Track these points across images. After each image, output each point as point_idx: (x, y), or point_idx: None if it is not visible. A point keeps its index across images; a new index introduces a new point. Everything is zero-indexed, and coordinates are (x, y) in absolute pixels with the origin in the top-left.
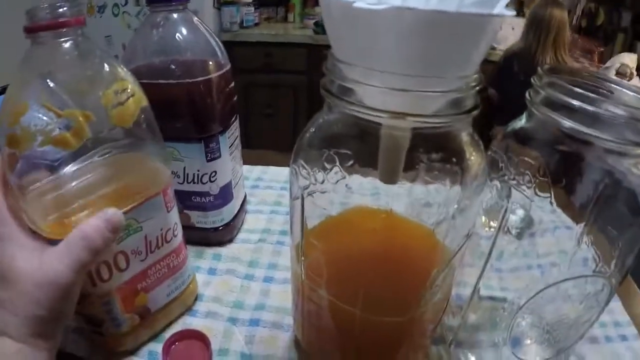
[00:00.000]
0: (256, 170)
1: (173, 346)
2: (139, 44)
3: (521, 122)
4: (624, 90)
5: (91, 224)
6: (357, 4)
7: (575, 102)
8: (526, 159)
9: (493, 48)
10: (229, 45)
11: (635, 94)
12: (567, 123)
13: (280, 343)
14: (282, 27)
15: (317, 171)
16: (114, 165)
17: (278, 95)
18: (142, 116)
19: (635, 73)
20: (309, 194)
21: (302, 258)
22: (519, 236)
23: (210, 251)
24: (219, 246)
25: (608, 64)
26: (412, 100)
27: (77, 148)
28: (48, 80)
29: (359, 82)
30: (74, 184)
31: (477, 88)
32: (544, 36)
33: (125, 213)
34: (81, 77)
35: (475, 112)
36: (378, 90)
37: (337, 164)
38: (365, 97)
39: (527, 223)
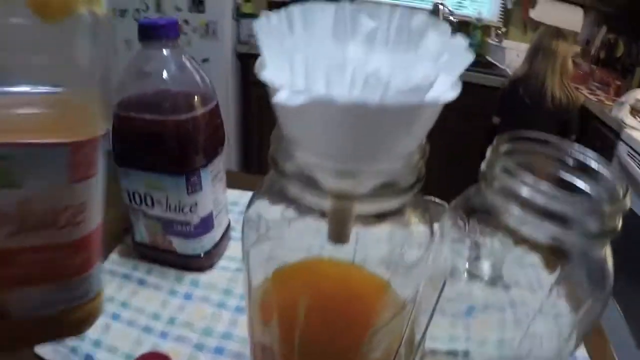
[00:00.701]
0: (247, 197)
1: None
2: (129, 77)
3: (473, 193)
4: (593, 164)
5: None
6: (275, 98)
7: (525, 194)
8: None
9: (502, 76)
10: (246, 58)
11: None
12: (515, 212)
13: None
14: None
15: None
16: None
17: None
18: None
19: None
20: (261, 242)
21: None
22: (491, 282)
23: (189, 276)
24: (199, 272)
25: (623, 98)
26: (348, 181)
27: None
28: None
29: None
30: None
31: (419, 164)
32: (551, 62)
33: None
34: None
35: (417, 187)
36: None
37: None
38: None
39: (497, 273)
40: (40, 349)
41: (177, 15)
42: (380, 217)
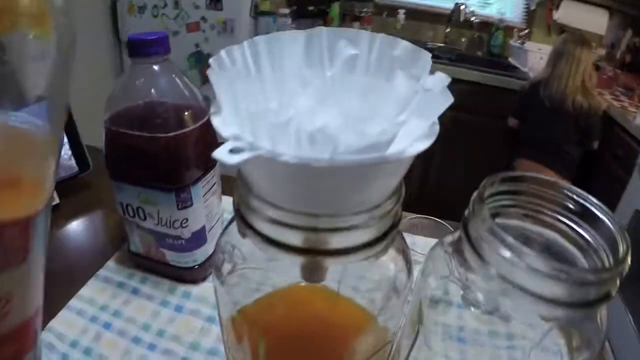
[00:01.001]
0: None
1: None
2: (121, 93)
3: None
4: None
5: None
6: (214, 154)
7: (503, 266)
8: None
9: (524, 79)
10: None
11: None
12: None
13: None
14: None
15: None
16: None
17: None
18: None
19: None
20: (236, 273)
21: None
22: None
23: (182, 288)
24: (192, 284)
25: None
26: (315, 237)
27: None
28: None
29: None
30: None
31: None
32: (574, 69)
33: None
34: None
35: (392, 234)
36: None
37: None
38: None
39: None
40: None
41: (195, 12)
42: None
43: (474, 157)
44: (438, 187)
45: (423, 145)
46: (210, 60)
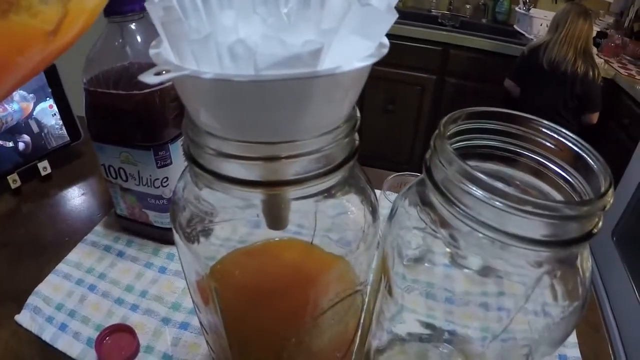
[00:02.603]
0: None
1: (106, 339)
2: (98, 54)
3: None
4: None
5: None
6: (140, 76)
7: (469, 202)
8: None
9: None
10: None
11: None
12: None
13: (201, 350)
14: None
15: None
16: None
17: None
18: None
19: None
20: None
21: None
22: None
23: (166, 249)
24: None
25: None
26: (271, 166)
27: None
28: None
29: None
30: None
31: (347, 139)
32: (576, 34)
33: None
34: None
35: (349, 163)
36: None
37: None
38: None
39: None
40: (19, 317)
41: None
42: (316, 196)
43: None
44: None
45: (362, 63)
46: None
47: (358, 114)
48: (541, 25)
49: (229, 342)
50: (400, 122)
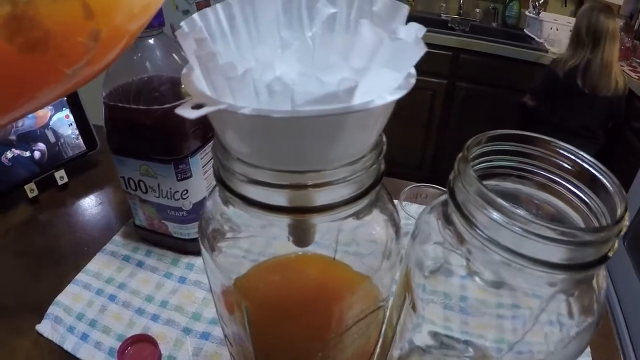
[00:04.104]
0: None
1: (128, 349)
2: (118, 68)
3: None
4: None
5: None
6: (177, 110)
7: (490, 228)
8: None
9: (545, 51)
10: None
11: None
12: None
13: None
14: None
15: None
16: None
17: None
18: None
19: None
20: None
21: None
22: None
23: (185, 260)
24: (195, 255)
25: None
26: (299, 195)
27: None
28: None
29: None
30: None
31: (374, 166)
32: (609, 42)
33: None
34: None
35: (376, 189)
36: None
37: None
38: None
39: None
40: (40, 327)
41: None
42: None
43: (488, 129)
44: (453, 159)
45: (392, 96)
46: (182, 23)
47: (384, 140)
48: (551, 29)
49: (255, 354)
50: (411, 126)
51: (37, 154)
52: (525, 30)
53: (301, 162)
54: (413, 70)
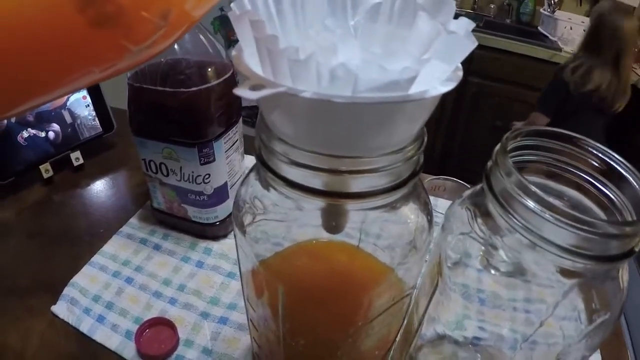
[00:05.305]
0: None
1: (146, 331)
2: None
3: (478, 191)
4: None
5: None
6: (235, 90)
7: (524, 215)
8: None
9: (559, 49)
10: None
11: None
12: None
13: (241, 345)
14: None
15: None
16: None
17: None
18: None
19: None
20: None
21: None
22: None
23: (203, 244)
24: (213, 240)
25: None
26: (339, 180)
27: None
28: None
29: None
30: None
31: (416, 157)
32: (622, 44)
33: None
34: None
35: (413, 181)
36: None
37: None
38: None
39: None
40: (56, 308)
41: None
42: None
43: (498, 126)
44: (462, 153)
45: (445, 88)
46: (232, 4)
47: (425, 133)
48: (565, 27)
49: (283, 339)
50: None
51: (51, 134)
52: (539, 27)
53: (346, 147)
54: (460, 65)
